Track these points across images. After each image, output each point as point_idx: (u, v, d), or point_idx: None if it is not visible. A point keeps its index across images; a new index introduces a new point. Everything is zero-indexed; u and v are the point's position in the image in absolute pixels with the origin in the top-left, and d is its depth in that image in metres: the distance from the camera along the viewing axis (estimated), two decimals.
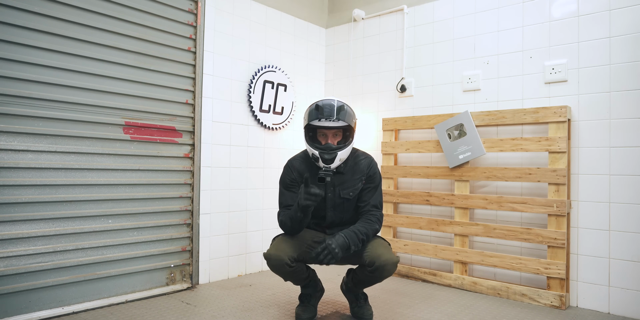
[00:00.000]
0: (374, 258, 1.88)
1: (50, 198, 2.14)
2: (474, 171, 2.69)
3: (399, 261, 1.94)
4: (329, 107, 1.93)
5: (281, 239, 2.01)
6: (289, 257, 1.90)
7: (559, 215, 2.38)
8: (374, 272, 1.90)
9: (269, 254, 1.93)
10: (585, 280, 2.39)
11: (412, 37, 3.15)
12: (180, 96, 2.65)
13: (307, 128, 2.00)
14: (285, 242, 1.97)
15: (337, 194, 2.04)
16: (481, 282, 2.64)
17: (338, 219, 2.07)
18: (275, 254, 1.90)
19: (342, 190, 2.04)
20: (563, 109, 2.39)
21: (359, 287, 2.11)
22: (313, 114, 1.95)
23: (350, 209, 2.08)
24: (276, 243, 1.98)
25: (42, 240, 2.12)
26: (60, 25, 2.16)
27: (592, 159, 2.39)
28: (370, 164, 2.09)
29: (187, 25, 2.68)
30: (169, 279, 2.60)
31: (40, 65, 2.11)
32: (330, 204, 2.05)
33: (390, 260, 1.89)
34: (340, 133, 2.00)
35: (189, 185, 2.70)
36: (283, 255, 1.90)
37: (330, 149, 1.93)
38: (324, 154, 1.93)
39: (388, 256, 1.89)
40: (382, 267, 1.87)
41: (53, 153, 2.16)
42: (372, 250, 1.92)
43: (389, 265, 1.88)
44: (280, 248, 1.93)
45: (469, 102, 2.85)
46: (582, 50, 2.44)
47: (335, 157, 1.93)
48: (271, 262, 1.92)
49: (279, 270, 1.93)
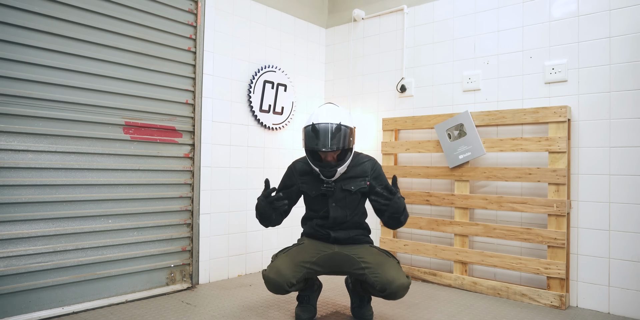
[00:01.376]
0: (384, 284, 1.86)
1: (50, 198, 2.14)
2: (474, 171, 2.69)
3: (410, 283, 1.90)
4: (323, 135, 1.93)
5: (284, 259, 1.97)
6: (288, 283, 1.90)
7: (559, 215, 2.39)
8: (385, 297, 1.90)
9: (268, 277, 1.93)
10: (585, 280, 2.39)
11: (412, 37, 3.15)
12: (180, 96, 2.66)
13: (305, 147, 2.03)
14: (286, 264, 1.94)
15: (338, 188, 2.05)
16: (481, 282, 2.64)
17: (342, 215, 2.04)
18: (274, 280, 1.90)
19: (343, 184, 2.05)
20: (563, 109, 2.40)
21: (366, 294, 2.12)
22: (311, 140, 1.96)
23: (353, 206, 2.06)
24: (277, 264, 1.95)
25: (42, 240, 2.12)
26: (60, 25, 2.17)
27: (592, 158, 2.39)
28: (374, 166, 2.10)
29: (187, 25, 2.68)
30: (169, 279, 2.60)
31: (41, 65, 2.11)
32: (331, 198, 2.04)
33: (402, 286, 1.86)
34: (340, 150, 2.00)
35: (189, 185, 2.70)
36: (282, 282, 1.89)
37: (330, 166, 1.97)
38: (324, 171, 1.98)
39: (400, 282, 1.86)
40: (395, 294, 1.87)
41: (53, 153, 2.16)
42: (383, 274, 1.88)
43: (402, 290, 1.87)
44: (281, 272, 1.91)
45: (469, 102, 2.86)
46: (582, 50, 2.44)
47: (335, 173, 1.98)
48: (269, 285, 1.94)
49: (277, 292, 1.94)
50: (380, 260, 1.95)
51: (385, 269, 1.89)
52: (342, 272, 2.05)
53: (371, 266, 1.92)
